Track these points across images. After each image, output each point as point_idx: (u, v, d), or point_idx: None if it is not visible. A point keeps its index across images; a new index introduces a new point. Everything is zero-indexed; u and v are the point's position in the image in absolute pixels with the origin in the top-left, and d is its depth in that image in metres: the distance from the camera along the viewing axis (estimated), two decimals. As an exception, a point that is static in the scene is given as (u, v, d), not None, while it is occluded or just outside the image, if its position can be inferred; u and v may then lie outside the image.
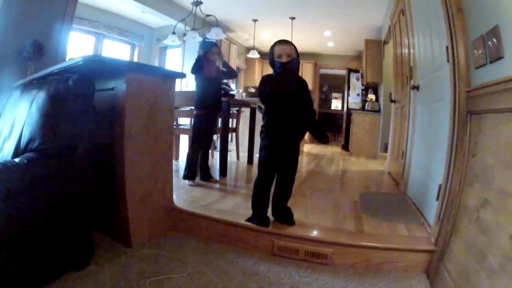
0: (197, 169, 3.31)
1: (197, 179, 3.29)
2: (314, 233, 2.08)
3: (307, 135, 2.81)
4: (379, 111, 6.76)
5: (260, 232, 2.12)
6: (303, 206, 2.66)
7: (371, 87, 7.57)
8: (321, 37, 8.51)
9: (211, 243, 2.21)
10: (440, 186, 1.93)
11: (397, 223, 2.28)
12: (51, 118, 1.71)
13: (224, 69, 3.45)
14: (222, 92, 3.79)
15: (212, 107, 3.30)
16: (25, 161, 1.55)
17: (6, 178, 1.44)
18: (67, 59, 3.84)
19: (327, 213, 2.52)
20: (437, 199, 1.94)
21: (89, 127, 1.82)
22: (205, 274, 1.78)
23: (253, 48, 8.31)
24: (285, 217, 2.23)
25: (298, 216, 2.33)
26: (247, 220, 2.21)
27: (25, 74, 3.29)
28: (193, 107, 3.49)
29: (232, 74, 3.55)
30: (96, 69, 2.06)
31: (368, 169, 5.11)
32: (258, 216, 2.18)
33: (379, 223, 2.29)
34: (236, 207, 2.56)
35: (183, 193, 2.87)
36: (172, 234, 2.35)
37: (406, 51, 3.58)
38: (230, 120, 4.42)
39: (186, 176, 3.21)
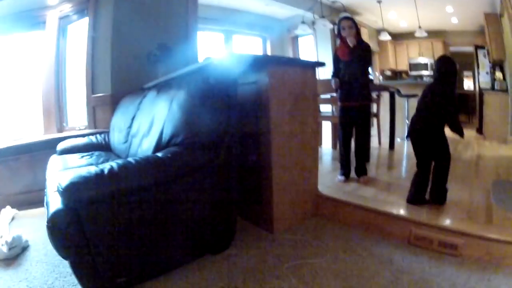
0: (349, 164, 3.07)
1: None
2: (448, 222, 2.06)
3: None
4: (507, 90, 6.14)
5: (398, 219, 2.15)
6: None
7: (498, 64, 6.87)
8: (444, 13, 7.95)
9: (351, 230, 2.27)
10: None
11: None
12: (194, 114, 1.85)
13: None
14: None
15: (352, 98, 2.92)
16: (169, 155, 1.70)
17: (148, 173, 1.57)
18: (200, 59, 4.18)
19: (462, 201, 2.45)
20: None
21: (234, 120, 1.91)
22: (342, 260, 1.86)
23: (383, 29, 8.23)
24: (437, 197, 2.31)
25: (435, 205, 2.33)
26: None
27: (155, 76, 3.64)
28: (334, 94, 3.51)
29: (365, 54, 2.94)
30: (235, 66, 2.10)
31: (499, 155, 4.71)
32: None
33: (508, 215, 2.17)
34: (377, 194, 2.61)
35: (328, 180, 2.96)
36: (314, 220, 2.46)
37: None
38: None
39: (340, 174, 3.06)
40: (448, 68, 2.23)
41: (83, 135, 3.72)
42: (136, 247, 1.60)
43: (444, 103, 2.19)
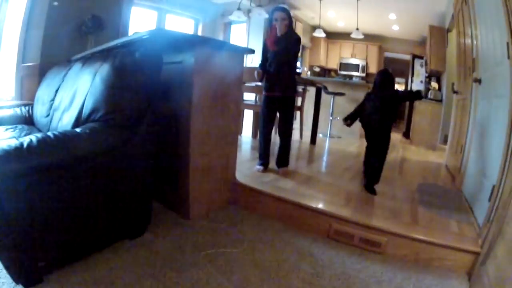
0: (267, 155, 3.05)
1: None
2: (371, 220, 2.10)
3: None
4: (441, 100, 6.50)
5: (319, 213, 2.18)
6: (363, 191, 2.71)
7: (434, 75, 7.24)
8: (386, 20, 8.27)
9: (269, 221, 2.28)
10: (493, 187, 1.90)
11: (449, 219, 2.27)
12: (117, 89, 1.77)
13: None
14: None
15: (276, 88, 2.88)
16: (87, 131, 1.62)
17: (66, 148, 1.50)
18: (129, 34, 4.01)
19: (386, 200, 2.55)
20: (489, 199, 1.91)
21: (155, 99, 1.86)
22: (260, 251, 1.87)
23: (319, 26, 8.34)
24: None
25: (356, 202, 2.43)
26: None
27: (84, 48, 3.50)
28: (259, 83, 3.47)
29: (293, 46, 2.88)
30: (162, 43, 2.05)
31: (427, 160, 5.01)
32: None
33: (433, 216, 2.29)
34: (297, 186, 2.62)
35: (246, 169, 2.94)
36: (232, 208, 2.45)
37: (469, 41, 3.43)
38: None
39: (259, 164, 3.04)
40: (385, 78, 2.78)
41: (10, 107, 3.47)
42: (52, 229, 1.51)
43: (390, 105, 2.68)
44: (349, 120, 2.94)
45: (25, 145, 1.39)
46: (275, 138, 3.64)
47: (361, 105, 2.89)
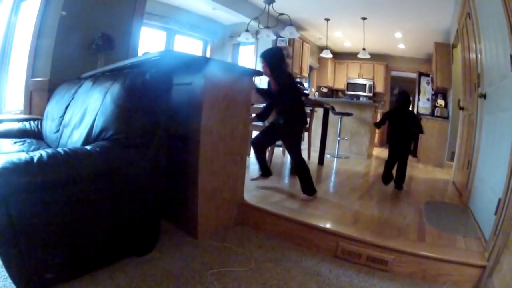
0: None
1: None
2: (378, 238, 2.10)
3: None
4: (447, 117, 6.49)
5: (326, 233, 2.17)
6: (370, 211, 2.71)
7: (440, 92, 7.27)
8: (392, 39, 8.35)
9: (276, 240, 2.28)
10: (499, 200, 1.89)
11: (456, 235, 2.26)
12: (127, 109, 1.78)
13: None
14: None
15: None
16: (98, 149, 1.63)
17: (75, 164, 1.51)
18: (139, 54, 4.08)
19: (393, 219, 2.55)
20: (496, 213, 1.90)
21: (165, 119, 1.88)
22: (267, 270, 1.85)
23: (326, 47, 8.37)
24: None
25: (364, 221, 2.43)
26: None
27: (94, 66, 3.53)
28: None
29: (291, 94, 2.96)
30: (172, 64, 2.08)
31: (434, 177, 4.98)
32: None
33: (440, 233, 2.28)
34: (304, 206, 2.63)
35: (253, 189, 2.96)
36: (239, 228, 2.44)
37: (474, 56, 3.45)
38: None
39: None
40: (405, 99, 3.65)
41: (18, 120, 3.51)
42: (61, 243, 1.52)
43: (412, 126, 3.65)
44: (379, 126, 3.87)
45: (35, 159, 1.41)
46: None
47: (385, 117, 3.78)
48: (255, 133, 4.85)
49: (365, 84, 10.40)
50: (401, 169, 3.67)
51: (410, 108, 4.13)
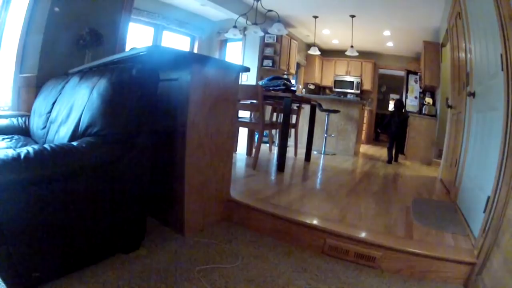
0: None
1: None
2: (365, 235, 2.10)
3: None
4: (435, 115, 6.57)
5: (313, 229, 2.16)
6: (357, 207, 2.71)
7: (428, 90, 7.35)
8: (380, 37, 8.43)
9: (264, 237, 2.27)
10: (488, 198, 1.90)
11: (445, 232, 2.27)
12: (113, 105, 1.77)
13: None
14: (281, 87, 3.94)
15: None
16: (84, 145, 1.62)
17: (62, 161, 1.50)
18: (126, 49, 4.04)
19: (380, 216, 2.54)
20: (484, 211, 1.92)
21: (151, 116, 1.87)
22: (255, 266, 1.84)
23: (314, 44, 8.43)
24: None
25: (351, 218, 2.40)
26: None
27: (82, 62, 3.50)
28: (254, 101, 3.57)
29: None
30: (159, 60, 2.08)
31: (421, 175, 5.03)
32: None
33: (428, 230, 2.29)
34: (291, 203, 2.61)
35: (240, 185, 2.96)
36: (226, 224, 2.43)
37: (463, 55, 3.48)
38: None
39: None
40: (401, 105, 5.96)
41: (6, 117, 3.49)
42: (47, 241, 1.50)
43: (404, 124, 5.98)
44: (386, 128, 6.02)
45: (22, 156, 1.39)
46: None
47: (389, 121, 5.91)
48: (242, 130, 4.87)
49: (353, 82, 10.48)
50: (398, 148, 5.96)
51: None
